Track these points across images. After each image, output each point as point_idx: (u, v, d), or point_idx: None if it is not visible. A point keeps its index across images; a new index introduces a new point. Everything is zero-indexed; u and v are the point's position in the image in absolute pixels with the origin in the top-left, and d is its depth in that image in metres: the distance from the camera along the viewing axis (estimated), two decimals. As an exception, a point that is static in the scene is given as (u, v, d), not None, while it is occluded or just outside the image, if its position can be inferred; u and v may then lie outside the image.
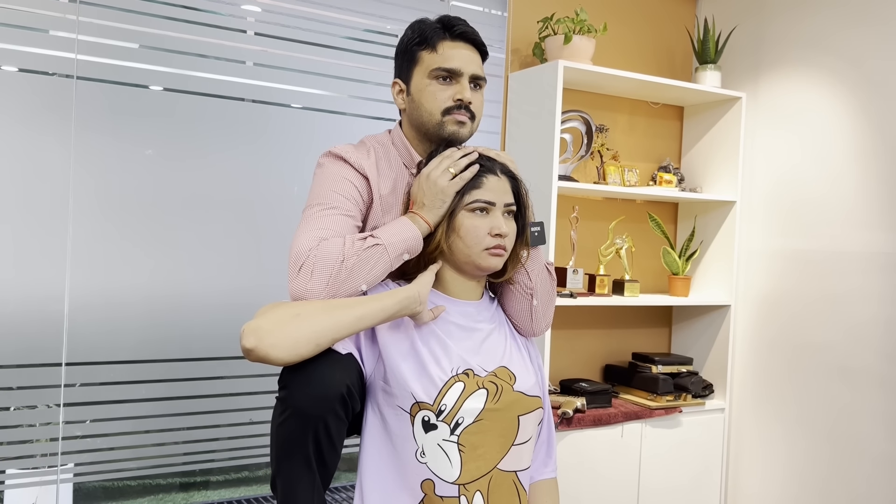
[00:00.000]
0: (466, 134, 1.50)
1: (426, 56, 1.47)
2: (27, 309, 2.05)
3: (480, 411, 1.33)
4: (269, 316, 1.23)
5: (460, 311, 1.45)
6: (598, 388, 2.60)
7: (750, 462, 2.84)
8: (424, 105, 1.48)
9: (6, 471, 2.10)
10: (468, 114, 1.48)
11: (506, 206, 1.44)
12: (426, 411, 1.32)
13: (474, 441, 1.33)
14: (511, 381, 1.40)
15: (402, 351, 1.36)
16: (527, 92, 2.62)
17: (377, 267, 1.34)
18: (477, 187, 1.42)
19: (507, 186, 1.46)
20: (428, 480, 1.32)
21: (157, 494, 2.69)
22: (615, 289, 2.77)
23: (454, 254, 1.42)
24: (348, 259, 1.30)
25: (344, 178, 1.44)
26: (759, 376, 2.83)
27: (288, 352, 1.21)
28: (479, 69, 1.51)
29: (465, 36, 1.48)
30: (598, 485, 2.53)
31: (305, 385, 1.24)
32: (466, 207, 1.41)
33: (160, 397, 2.25)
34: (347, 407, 1.28)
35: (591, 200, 2.91)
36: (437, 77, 1.47)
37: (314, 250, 1.30)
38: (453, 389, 1.33)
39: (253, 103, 2.36)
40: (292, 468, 1.27)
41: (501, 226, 1.41)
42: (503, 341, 1.47)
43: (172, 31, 2.21)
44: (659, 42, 3.07)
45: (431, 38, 1.46)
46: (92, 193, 2.13)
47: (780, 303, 2.77)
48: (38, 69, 2.06)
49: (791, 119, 2.76)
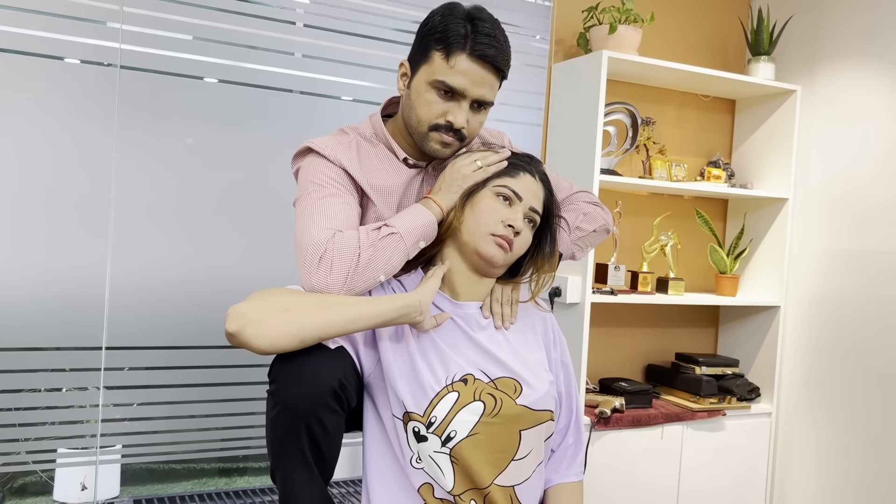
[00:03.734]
0: (450, 153, 1.41)
1: (437, 60, 1.35)
2: (70, 293, 2.10)
3: (475, 425, 1.26)
4: (258, 304, 1.19)
5: (464, 314, 1.38)
6: (639, 387, 2.55)
7: (798, 469, 2.74)
8: (416, 110, 1.38)
9: (57, 450, 2.16)
10: (456, 136, 1.38)
11: (530, 209, 1.37)
12: (416, 422, 1.26)
13: (468, 455, 1.26)
14: (515, 394, 1.31)
15: (398, 357, 1.31)
16: (570, 83, 2.57)
17: (394, 256, 1.29)
18: (510, 176, 1.37)
19: (540, 192, 1.40)
20: (426, 484, 1.28)
21: (200, 478, 2.74)
22: (659, 287, 2.70)
23: (462, 233, 1.35)
24: (364, 251, 1.26)
25: (328, 169, 1.37)
26: (809, 381, 2.73)
27: (270, 344, 1.17)
28: (489, 92, 1.38)
29: (486, 57, 1.34)
30: (635, 486, 2.47)
31: (295, 380, 1.20)
32: (492, 188, 1.36)
33: (198, 383, 2.28)
34: (342, 400, 1.24)
35: (636, 195, 2.84)
36: (437, 88, 1.36)
37: (331, 242, 1.25)
38: (445, 400, 1.26)
39: (301, 95, 2.37)
40: (288, 462, 1.25)
41: (518, 220, 1.34)
42: (515, 344, 1.39)
43: (221, 23, 2.23)
44: (710, 32, 2.98)
45: (451, 44, 1.33)
46: (133, 181, 2.17)
47: (833, 305, 2.66)
48: (83, 59, 2.11)
49: (849, 114, 2.64)
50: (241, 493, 2.41)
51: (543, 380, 1.37)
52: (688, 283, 2.92)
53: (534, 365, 1.38)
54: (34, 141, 2.06)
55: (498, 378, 1.32)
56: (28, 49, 2.03)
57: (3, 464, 2.08)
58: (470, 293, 1.40)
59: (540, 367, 1.39)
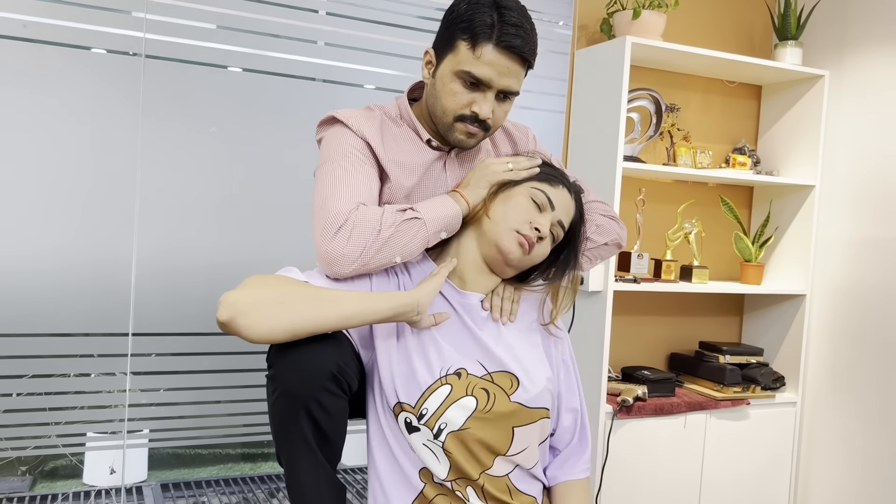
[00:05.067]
0: (474, 144, 1.42)
1: (463, 50, 1.33)
2: (96, 280, 2.13)
3: (466, 419, 1.26)
4: (252, 292, 1.17)
5: (467, 303, 1.37)
6: (661, 376, 2.53)
7: (823, 459, 2.72)
8: (441, 99, 1.37)
9: (87, 434, 2.20)
10: (481, 127, 1.38)
11: (558, 222, 1.37)
12: (407, 413, 1.26)
13: (460, 448, 1.26)
14: (511, 389, 1.31)
15: (391, 346, 1.30)
16: (593, 70, 2.54)
17: (414, 241, 1.29)
18: (549, 184, 1.37)
19: (572, 211, 1.40)
20: (425, 469, 1.28)
21: (225, 463, 2.78)
22: (682, 275, 2.68)
23: (487, 221, 1.34)
24: (385, 230, 1.25)
25: (353, 139, 1.36)
26: (835, 370, 2.70)
27: (261, 335, 1.16)
28: (515, 83, 1.36)
29: (513, 48, 1.32)
30: (658, 475, 2.47)
31: (293, 365, 1.19)
32: (529, 188, 1.36)
33: (223, 369, 2.31)
34: (341, 383, 1.22)
35: (660, 182, 2.82)
36: (462, 79, 1.34)
37: (354, 213, 1.24)
38: (437, 393, 1.26)
39: (324, 83, 2.37)
40: (291, 447, 1.23)
41: (545, 226, 1.33)
42: (512, 340, 1.38)
43: (245, 12, 2.24)
44: (735, 17, 2.94)
45: (478, 34, 1.31)
46: (158, 169, 2.19)
47: (860, 293, 2.62)
48: (108, 49, 2.13)
49: (878, 99, 2.59)
50: (265, 477, 2.44)
51: (540, 377, 1.36)
52: (712, 271, 2.90)
53: (531, 361, 1.37)
54: (61, 130, 2.08)
55: (494, 372, 1.32)
56: (54, 39, 2.06)
57: (35, 447, 2.12)
58: (476, 284, 1.39)
59: (537, 364, 1.38)
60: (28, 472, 2.46)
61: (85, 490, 2.29)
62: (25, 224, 2.06)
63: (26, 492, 2.34)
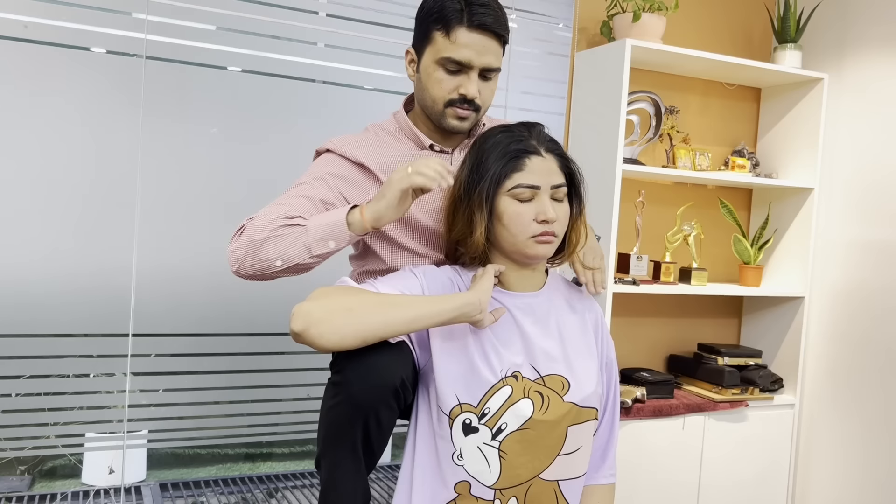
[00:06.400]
0: (467, 126, 1.46)
1: (439, 39, 1.40)
2: (97, 281, 2.14)
3: (527, 420, 1.27)
4: (322, 303, 1.21)
5: (517, 304, 1.37)
6: (660, 378, 2.54)
7: (822, 461, 2.72)
8: (429, 90, 1.43)
9: (86, 434, 2.20)
10: (471, 108, 1.43)
11: (553, 188, 1.32)
12: (468, 414, 1.27)
13: (517, 449, 1.27)
14: (563, 391, 1.31)
15: (451, 348, 1.31)
16: (593, 72, 2.55)
17: (293, 247, 1.32)
18: (518, 170, 1.31)
19: (555, 166, 1.34)
20: (463, 482, 1.28)
21: (224, 463, 2.78)
22: (681, 277, 2.68)
23: (500, 243, 1.34)
24: (265, 232, 1.31)
25: (325, 168, 1.43)
26: (834, 372, 2.70)
27: (334, 343, 1.19)
28: (494, 59, 1.42)
29: (485, 26, 1.39)
30: (656, 476, 2.47)
31: (362, 374, 1.21)
32: (508, 193, 1.31)
33: (223, 370, 2.31)
34: (400, 398, 1.25)
35: (659, 185, 2.82)
36: (444, 66, 1.41)
37: (251, 220, 1.34)
38: (500, 393, 1.27)
39: (324, 84, 2.37)
40: (338, 454, 1.26)
41: (548, 211, 1.30)
42: (565, 339, 1.38)
43: (244, 13, 2.24)
44: (735, 20, 2.94)
45: (449, 20, 1.38)
46: (159, 171, 2.19)
47: (859, 296, 2.63)
48: (109, 49, 2.13)
49: (878, 102, 2.60)
50: (264, 478, 2.44)
51: (592, 378, 1.36)
52: (711, 273, 2.90)
53: (582, 362, 1.37)
54: (60, 132, 2.08)
55: (546, 375, 1.32)
56: (55, 40, 2.06)
57: (33, 447, 2.12)
58: (523, 285, 1.39)
59: (588, 364, 1.38)
60: (27, 471, 2.46)
61: (84, 490, 2.29)
62: (26, 224, 2.06)
63: (25, 491, 2.34)
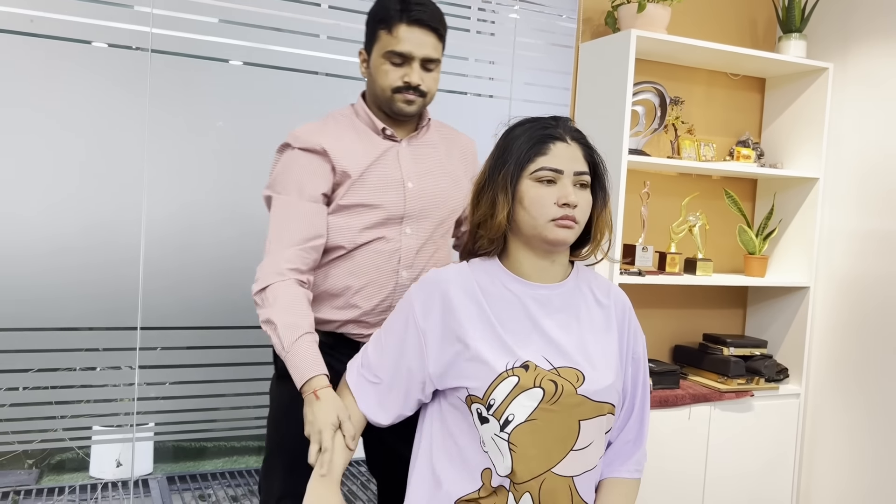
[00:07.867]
0: (415, 110, 1.63)
1: (383, 36, 1.59)
2: (105, 275, 2.14)
3: (533, 410, 1.25)
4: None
5: (533, 295, 1.35)
6: (666, 368, 2.54)
7: (827, 450, 2.73)
8: (378, 81, 1.61)
9: (93, 427, 2.21)
10: (417, 93, 1.60)
11: (576, 175, 1.32)
12: (478, 404, 1.27)
13: (526, 441, 1.25)
14: (577, 383, 1.29)
15: (456, 342, 1.31)
16: (598, 63, 2.54)
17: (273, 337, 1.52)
18: (542, 153, 1.30)
19: (579, 154, 1.33)
20: (487, 469, 1.28)
21: (231, 456, 2.79)
22: (687, 267, 2.68)
23: (520, 227, 1.33)
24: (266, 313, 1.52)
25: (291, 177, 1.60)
26: (839, 362, 2.71)
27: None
28: (433, 51, 1.60)
29: (422, 21, 1.57)
30: (663, 466, 2.48)
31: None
32: (531, 176, 1.31)
33: (229, 363, 2.31)
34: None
35: (664, 175, 2.82)
36: (390, 59, 1.58)
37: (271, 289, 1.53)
38: (505, 384, 1.26)
39: (326, 77, 2.37)
40: None
41: (570, 194, 1.29)
42: (585, 333, 1.36)
43: (247, 5, 2.24)
44: (739, 10, 2.93)
45: (389, 19, 1.57)
46: (165, 164, 2.19)
47: (863, 286, 2.63)
48: (114, 43, 2.12)
49: (882, 91, 2.59)
50: (271, 470, 2.44)
51: (608, 372, 1.34)
52: (716, 263, 2.90)
53: (601, 356, 1.35)
54: (67, 126, 2.08)
55: (560, 367, 1.30)
56: (62, 34, 2.06)
57: (41, 441, 2.13)
58: (541, 276, 1.37)
59: (608, 358, 1.36)
60: (35, 465, 2.47)
61: (91, 483, 2.30)
62: (34, 218, 2.06)
63: (33, 484, 2.36)
